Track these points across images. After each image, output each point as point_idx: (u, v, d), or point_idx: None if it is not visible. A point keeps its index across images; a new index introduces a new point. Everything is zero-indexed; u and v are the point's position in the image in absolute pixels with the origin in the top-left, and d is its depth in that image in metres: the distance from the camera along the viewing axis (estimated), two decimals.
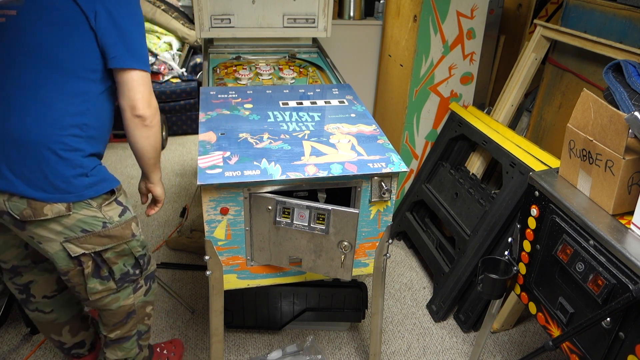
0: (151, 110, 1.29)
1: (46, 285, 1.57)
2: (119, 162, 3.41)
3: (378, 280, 1.58)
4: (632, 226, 1.19)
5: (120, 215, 1.39)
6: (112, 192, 1.38)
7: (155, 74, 3.68)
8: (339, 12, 2.70)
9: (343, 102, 1.76)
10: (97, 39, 1.20)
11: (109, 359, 1.59)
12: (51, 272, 1.56)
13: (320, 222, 1.32)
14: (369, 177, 1.36)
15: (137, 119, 1.28)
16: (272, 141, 1.45)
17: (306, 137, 1.48)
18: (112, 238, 1.37)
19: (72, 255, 1.33)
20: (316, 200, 1.42)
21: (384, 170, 1.34)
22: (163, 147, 3.63)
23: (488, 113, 2.43)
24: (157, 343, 1.90)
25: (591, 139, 1.25)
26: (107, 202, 1.36)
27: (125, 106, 1.27)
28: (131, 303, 1.50)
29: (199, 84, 3.75)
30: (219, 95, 1.75)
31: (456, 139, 2.42)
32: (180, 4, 3.99)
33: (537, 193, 1.40)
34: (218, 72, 2.13)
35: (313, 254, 1.38)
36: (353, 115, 1.66)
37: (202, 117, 1.58)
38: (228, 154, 1.37)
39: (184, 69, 3.82)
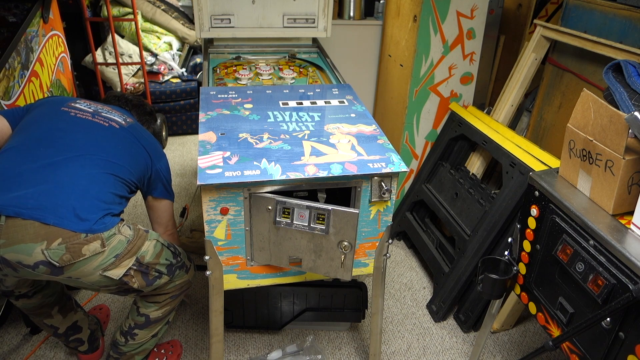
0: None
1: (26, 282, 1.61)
2: None
3: (378, 280, 1.58)
4: (632, 226, 1.19)
5: (133, 231, 1.49)
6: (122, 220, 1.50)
7: (155, 74, 3.69)
8: (339, 12, 2.70)
9: (343, 102, 1.76)
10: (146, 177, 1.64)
11: (139, 337, 1.66)
12: None
13: (320, 222, 1.32)
14: (369, 177, 1.36)
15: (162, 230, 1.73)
16: (272, 141, 1.45)
17: (306, 137, 1.48)
18: (139, 247, 1.47)
19: (116, 279, 1.43)
20: (316, 200, 1.42)
21: (384, 170, 1.34)
22: (163, 147, 3.63)
23: (488, 113, 2.43)
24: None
25: (591, 139, 1.25)
26: (122, 224, 1.47)
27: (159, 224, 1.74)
28: (186, 280, 1.66)
29: (199, 84, 3.75)
30: (219, 95, 1.75)
31: (456, 139, 2.42)
32: (180, 4, 4.00)
33: (537, 193, 1.40)
34: (218, 72, 2.13)
35: (313, 254, 1.38)
36: (353, 115, 1.66)
37: (202, 117, 1.58)
38: (228, 154, 1.37)
39: (184, 69, 3.82)
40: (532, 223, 1.43)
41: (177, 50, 3.87)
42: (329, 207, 1.30)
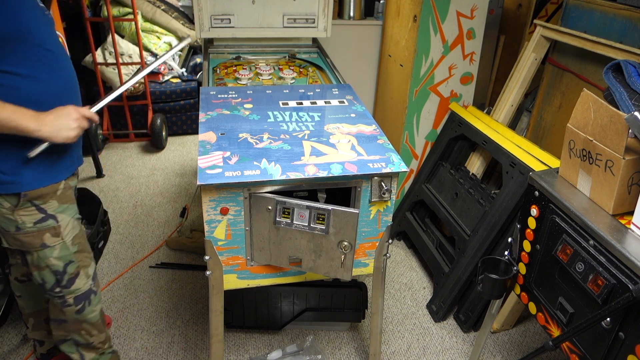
0: None
1: (18, 268, 1.61)
2: (119, 162, 3.41)
3: (378, 280, 1.58)
4: (632, 226, 1.19)
5: (36, 223, 1.35)
6: (25, 196, 1.32)
7: (155, 74, 3.69)
8: (339, 12, 2.70)
9: (343, 102, 1.76)
10: None
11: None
12: None
13: (320, 222, 1.32)
14: (369, 177, 1.36)
15: None
16: (272, 141, 1.45)
17: (306, 137, 1.48)
18: (23, 243, 1.37)
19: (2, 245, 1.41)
20: (316, 200, 1.42)
21: (384, 170, 1.34)
22: (163, 147, 3.63)
23: (488, 113, 2.43)
24: None
25: (591, 139, 1.25)
26: (22, 206, 1.32)
27: None
28: (62, 314, 1.52)
29: (199, 84, 3.75)
30: (219, 95, 1.75)
31: (456, 139, 2.42)
32: (180, 4, 4.00)
33: (537, 193, 1.40)
34: (218, 72, 2.13)
35: (313, 254, 1.38)
36: (353, 115, 1.66)
37: (202, 117, 1.58)
38: (228, 154, 1.37)
39: (184, 69, 3.82)
40: (532, 223, 1.43)
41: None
42: (329, 207, 1.30)
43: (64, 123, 1.26)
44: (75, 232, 1.45)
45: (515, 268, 1.52)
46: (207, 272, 1.42)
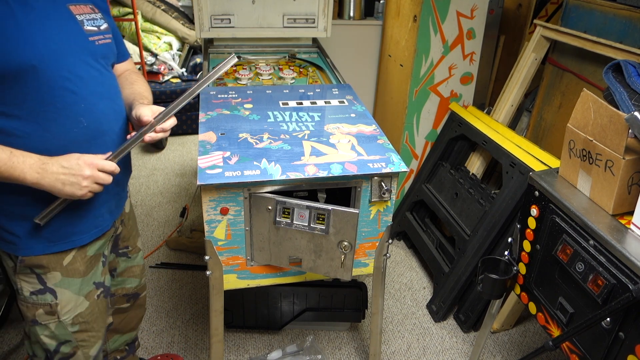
0: None
1: None
2: None
3: (378, 280, 1.58)
4: (632, 226, 1.19)
5: (32, 293, 1.16)
6: (22, 262, 1.14)
7: (155, 74, 3.69)
8: (339, 12, 2.70)
9: (343, 102, 1.76)
10: None
11: None
12: None
13: (320, 222, 1.32)
14: (369, 177, 1.36)
15: None
16: (272, 141, 1.45)
17: (306, 137, 1.48)
18: (20, 309, 1.20)
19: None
20: (316, 200, 1.42)
21: (384, 170, 1.34)
22: (163, 147, 3.63)
23: (488, 113, 2.43)
24: (154, 356, 1.90)
25: (591, 139, 1.25)
26: (20, 271, 1.15)
27: None
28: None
29: None
30: (219, 95, 1.75)
31: (456, 139, 2.42)
32: (180, 4, 4.00)
33: (537, 193, 1.40)
34: None
35: (313, 254, 1.38)
36: (353, 115, 1.66)
37: (202, 117, 1.58)
38: (228, 154, 1.37)
39: (184, 69, 3.82)
40: (532, 223, 1.43)
41: (177, 50, 3.87)
42: (329, 207, 1.30)
43: (71, 179, 1.03)
44: (79, 310, 1.23)
45: (515, 268, 1.52)
46: (207, 272, 1.42)
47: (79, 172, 1.03)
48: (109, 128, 1.17)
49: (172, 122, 1.23)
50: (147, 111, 1.20)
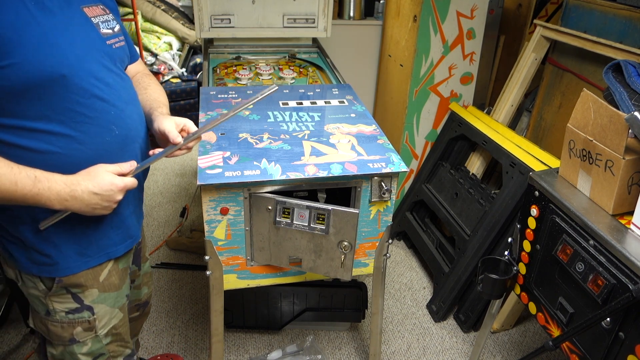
0: None
1: None
2: None
3: (378, 280, 1.58)
4: (632, 226, 1.19)
5: (69, 312, 1.13)
6: (60, 282, 1.10)
7: (155, 74, 3.68)
8: (339, 12, 2.70)
9: (343, 102, 1.76)
10: None
11: None
12: None
13: (320, 222, 1.32)
14: (369, 177, 1.36)
15: None
16: (272, 141, 1.45)
17: (306, 137, 1.48)
18: (49, 332, 1.15)
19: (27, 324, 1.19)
20: (316, 200, 1.42)
21: (384, 170, 1.34)
22: None
23: (488, 113, 2.43)
24: (154, 356, 1.90)
25: (591, 139, 1.25)
26: (55, 292, 1.11)
27: None
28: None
29: (199, 84, 3.75)
30: (219, 95, 1.75)
31: (456, 139, 2.42)
32: (180, 4, 4.00)
33: (537, 193, 1.40)
34: (218, 72, 2.13)
35: (313, 254, 1.38)
36: (353, 115, 1.66)
37: (202, 117, 1.58)
38: (228, 154, 1.37)
39: (184, 69, 3.82)
40: (532, 223, 1.43)
41: (177, 50, 3.87)
42: (329, 207, 1.30)
43: (104, 204, 1.00)
44: (114, 322, 1.23)
45: (515, 268, 1.52)
46: (207, 272, 1.42)
47: (112, 199, 1.00)
48: (137, 134, 1.14)
49: (197, 142, 1.19)
50: (172, 126, 1.15)
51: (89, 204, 0.98)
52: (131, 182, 1.05)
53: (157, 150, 1.13)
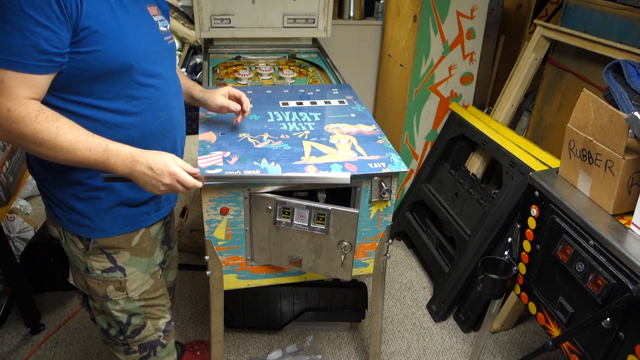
0: None
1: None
2: None
3: (378, 280, 1.58)
4: (632, 226, 1.19)
5: (104, 271, 1.25)
6: (95, 243, 1.22)
7: None
8: (339, 12, 2.70)
9: (343, 102, 1.76)
10: None
11: None
12: None
13: (320, 222, 1.32)
14: (369, 177, 1.36)
15: None
16: (272, 141, 1.45)
17: (306, 137, 1.48)
18: (88, 287, 1.28)
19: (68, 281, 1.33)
20: (316, 200, 1.42)
21: (384, 170, 1.34)
22: None
23: (488, 113, 2.43)
24: (190, 342, 1.92)
25: (591, 139, 1.25)
26: (92, 252, 1.23)
27: None
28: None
29: (199, 83, 3.75)
30: None
31: (456, 139, 2.42)
32: (180, 4, 4.00)
33: (537, 193, 1.40)
34: (218, 72, 2.13)
35: (313, 254, 1.38)
36: (353, 115, 1.66)
37: (202, 117, 1.58)
38: (228, 154, 1.37)
39: (184, 69, 3.82)
40: (532, 223, 1.43)
41: (177, 50, 3.87)
42: (329, 207, 1.30)
43: (153, 182, 1.10)
44: (145, 288, 1.32)
45: (515, 268, 1.52)
46: (207, 272, 1.42)
47: (160, 178, 1.10)
48: (178, 122, 1.29)
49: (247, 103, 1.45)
50: (225, 100, 1.44)
51: (142, 177, 1.09)
52: (184, 175, 1.13)
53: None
